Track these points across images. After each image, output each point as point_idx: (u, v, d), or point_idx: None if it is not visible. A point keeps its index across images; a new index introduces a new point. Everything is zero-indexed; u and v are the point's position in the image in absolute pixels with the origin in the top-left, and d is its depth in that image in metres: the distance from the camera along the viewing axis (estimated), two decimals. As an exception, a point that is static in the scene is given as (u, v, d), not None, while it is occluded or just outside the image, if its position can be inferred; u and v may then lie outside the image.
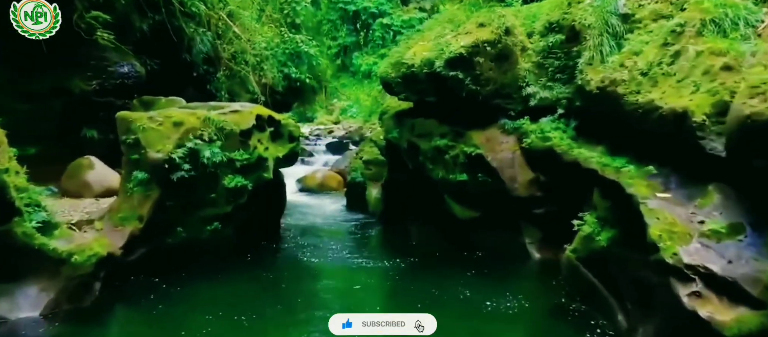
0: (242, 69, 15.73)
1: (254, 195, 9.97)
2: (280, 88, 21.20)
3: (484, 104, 9.78)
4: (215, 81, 15.42)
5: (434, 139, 10.46)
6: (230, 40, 15.84)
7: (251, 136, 9.71)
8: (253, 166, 9.77)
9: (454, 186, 10.15)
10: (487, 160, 9.64)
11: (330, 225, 12.76)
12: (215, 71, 15.49)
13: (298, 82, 22.54)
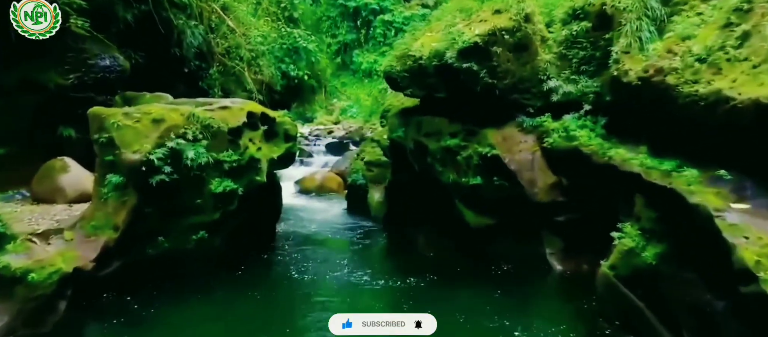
0: (237, 65, 14.59)
1: (245, 200, 8.86)
2: (279, 87, 20.11)
3: (500, 100, 8.67)
4: (208, 77, 14.29)
5: (444, 139, 9.34)
6: (224, 35, 14.71)
7: (242, 135, 8.60)
8: (243, 168, 8.65)
9: (466, 190, 9.04)
10: (504, 162, 8.53)
11: (330, 232, 11.62)
12: (208, 67, 14.36)
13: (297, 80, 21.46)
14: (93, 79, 10.56)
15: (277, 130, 10.00)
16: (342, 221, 13.16)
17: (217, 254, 8.70)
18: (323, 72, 28.01)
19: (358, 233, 11.68)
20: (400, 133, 10.62)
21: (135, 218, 7.64)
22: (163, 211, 7.91)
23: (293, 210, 14.81)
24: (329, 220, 13.29)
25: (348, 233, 11.65)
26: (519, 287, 8.25)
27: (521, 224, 8.98)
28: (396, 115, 10.92)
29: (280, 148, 10.02)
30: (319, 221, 13.10)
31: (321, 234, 11.44)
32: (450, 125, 9.41)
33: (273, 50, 15.78)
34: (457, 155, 9.09)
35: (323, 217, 13.71)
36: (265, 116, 9.50)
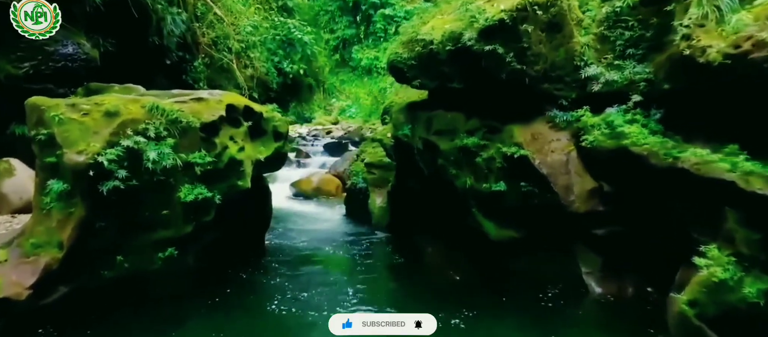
0: (225, 57, 13.00)
1: (225, 210, 7.29)
2: (274, 84, 18.60)
3: (528, 91, 7.11)
4: (192, 70, 12.72)
5: (459, 137, 7.78)
6: (211, 23, 13.14)
7: (219, 131, 7.02)
8: (221, 172, 7.08)
9: (486, 198, 7.47)
10: (534, 164, 6.96)
11: (327, 244, 9.98)
12: (193, 59, 12.79)
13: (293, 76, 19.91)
14: (52, 69, 8.98)
15: (264, 127, 8.42)
16: (341, 230, 11.55)
17: (189, 274, 7.12)
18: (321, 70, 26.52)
19: (359, 246, 10.04)
20: (406, 131, 9.04)
21: (84, 233, 6.07)
22: (121, 224, 6.34)
23: (287, 216, 13.24)
24: (326, 229, 11.68)
25: (348, 247, 10.00)
26: (549, 314, 6.73)
27: (552, 238, 7.43)
28: (401, 111, 9.34)
29: (268, 148, 8.44)
30: (315, 230, 11.49)
31: (317, 248, 9.77)
32: (467, 121, 7.84)
33: (265, 42, 14.17)
34: (476, 156, 7.52)
35: (320, 225, 12.11)
36: (249, 111, 7.91)
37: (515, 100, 7.27)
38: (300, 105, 31.18)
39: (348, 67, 24.62)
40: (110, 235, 6.34)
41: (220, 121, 6.99)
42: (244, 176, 7.52)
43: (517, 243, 7.60)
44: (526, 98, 7.22)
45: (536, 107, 7.35)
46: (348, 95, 32.39)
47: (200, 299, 6.95)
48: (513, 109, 7.34)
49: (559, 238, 7.38)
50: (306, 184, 18.00)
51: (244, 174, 7.50)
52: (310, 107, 35.14)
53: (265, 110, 8.55)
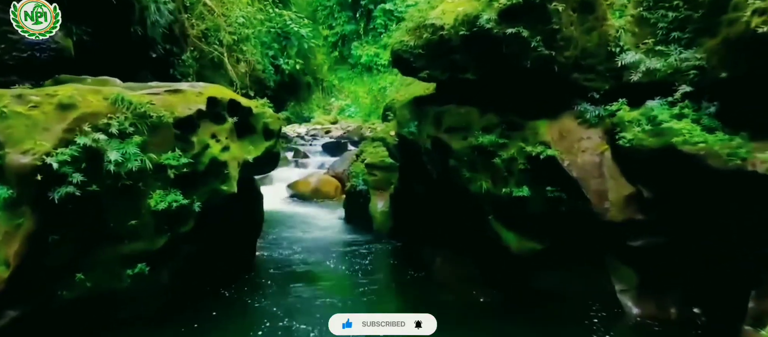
0: (215, 50, 11.95)
1: (206, 218, 6.29)
2: (271, 82, 17.57)
3: (555, 81, 6.10)
4: (180, 64, 11.66)
5: (474, 135, 6.76)
6: (201, 15, 12.09)
7: (197, 128, 6.00)
8: (201, 175, 6.07)
9: (506, 205, 6.45)
10: (563, 166, 5.95)
11: (324, 256, 8.89)
12: (181, 52, 11.72)
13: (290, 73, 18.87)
14: (17, 60, 7.85)
15: (253, 124, 7.41)
16: (340, 238, 10.51)
17: (163, 294, 6.09)
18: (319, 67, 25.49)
19: (360, 257, 8.97)
20: (411, 128, 8.02)
21: (35, 248, 5.06)
22: (80, 238, 5.33)
23: (282, 220, 12.23)
24: (324, 236, 10.63)
25: (347, 259, 8.92)
26: (579, 338, 5.73)
27: (580, 250, 6.41)
28: (407, 106, 8.32)
29: (258, 147, 7.44)
30: (311, 238, 10.45)
31: (314, 260, 8.69)
32: (482, 117, 6.83)
33: (259, 35, 13.13)
34: (494, 157, 6.51)
35: (317, 232, 11.07)
36: (235, 105, 6.90)
37: (539, 93, 6.26)
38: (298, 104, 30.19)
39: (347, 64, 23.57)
40: (67, 250, 5.33)
41: (198, 116, 5.97)
42: (229, 179, 6.50)
43: (541, 256, 6.57)
44: (552, 90, 6.22)
45: (563, 101, 6.35)
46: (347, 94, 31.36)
47: (176, 323, 5.94)
48: (537, 102, 6.33)
49: (590, 250, 6.38)
50: (303, 185, 17.05)
51: (228, 177, 6.48)
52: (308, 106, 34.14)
53: (254, 105, 7.54)
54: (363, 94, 26.35)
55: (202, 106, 6.04)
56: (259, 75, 17.06)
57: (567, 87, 6.20)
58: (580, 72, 6.16)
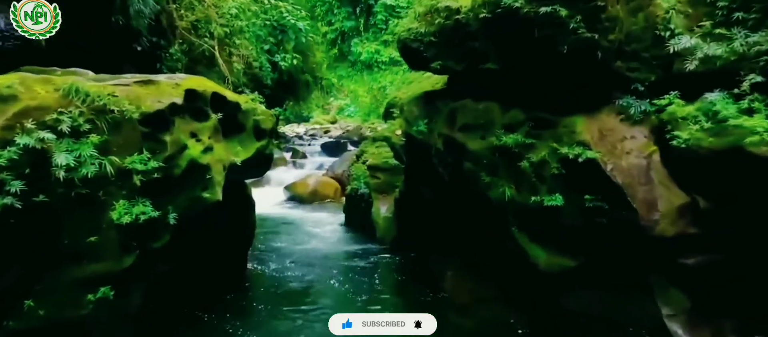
0: (206, 43, 10.95)
1: (185, 231, 5.29)
2: (268, 80, 16.59)
3: (595, 70, 5.11)
4: (168, 58, 10.67)
5: (496, 134, 5.76)
6: (190, 5, 11.07)
7: (170, 125, 4.99)
8: (177, 180, 5.07)
9: (534, 215, 5.46)
10: (606, 170, 4.95)
11: (323, 269, 7.84)
12: (168, 45, 10.73)
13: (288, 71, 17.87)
14: (-25, 49, 6.95)
15: (241, 122, 6.41)
16: (340, 248, 9.50)
17: (133, 320, 5.09)
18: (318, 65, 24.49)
19: (362, 270, 7.94)
20: (421, 126, 7.04)
21: (-31, 272, 4.06)
22: (27, 258, 4.33)
23: (279, 226, 11.25)
24: (323, 245, 9.62)
25: (348, 272, 7.88)
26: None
27: (621, 268, 5.42)
28: (415, 102, 7.33)
29: (247, 148, 6.45)
30: (309, 247, 9.44)
31: (311, 276, 7.61)
32: (505, 113, 5.84)
33: (254, 28, 12.11)
34: (520, 159, 5.51)
35: (316, 240, 10.06)
36: (219, 99, 5.89)
37: (575, 84, 5.27)
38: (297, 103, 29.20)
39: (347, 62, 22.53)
40: (12, 273, 4.33)
41: (172, 110, 4.95)
42: (213, 185, 5.50)
43: (574, 273, 5.57)
44: (591, 81, 5.23)
45: (601, 93, 5.36)
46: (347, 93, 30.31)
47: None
48: (571, 96, 5.33)
49: (632, 268, 5.39)
50: (301, 187, 16.09)
51: (211, 183, 5.49)
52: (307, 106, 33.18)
53: (243, 100, 6.54)
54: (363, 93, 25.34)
55: (177, 100, 5.03)
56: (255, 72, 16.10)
57: (607, 77, 5.21)
58: (623, 59, 5.19)
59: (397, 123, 8.37)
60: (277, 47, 13.15)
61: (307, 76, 24.32)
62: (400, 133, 7.90)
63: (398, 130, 8.02)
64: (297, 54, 13.62)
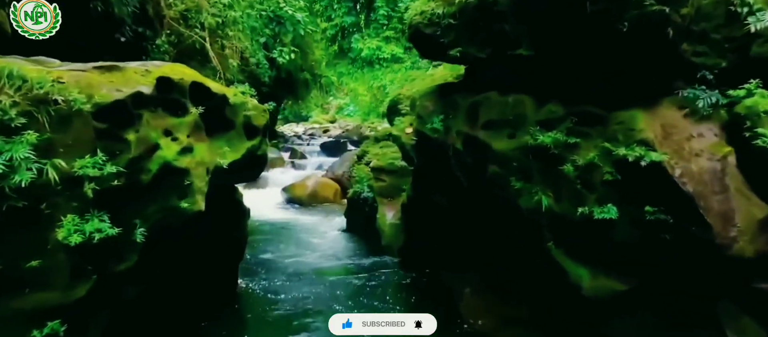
0: (196, 34, 9.94)
1: (159, 248, 4.31)
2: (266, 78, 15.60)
3: (659, 52, 4.12)
4: (154, 50, 9.66)
5: (529, 132, 4.78)
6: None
7: (135, 120, 3.97)
8: (147, 188, 4.07)
9: (578, 228, 4.48)
10: (673, 176, 3.97)
11: (322, 285, 6.82)
12: (154, 35, 9.72)
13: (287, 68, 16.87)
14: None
15: (229, 118, 5.41)
16: (342, 260, 8.48)
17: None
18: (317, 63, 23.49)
19: (367, 287, 6.93)
20: (436, 124, 6.04)
21: None
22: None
23: (275, 232, 10.27)
24: (323, 258, 8.57)
25: (352, 293, 6.80)
26: None
27: (682, 293, 4.45)
28: (430, 96, 6.33)
29: (236, 148, 5.45)
30: (308, 261, 8.40)
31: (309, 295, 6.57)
32: (540, 107, 4.85)
33: (248, 19, 11.10)
34: (561, 162, 4.52)
35: (315, 251, 9.03)
36: (200, 90, 4.90)
37: (632, 71, 4.28)
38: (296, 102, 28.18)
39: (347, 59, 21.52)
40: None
41: (137, 102, 3.94)
42: (192, 192, 4.51)
43: (622, 299, 4.60)
44: (650, 67, 4.24)
45: (660, 83, 4.38)
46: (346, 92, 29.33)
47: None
48: (625, 86, 4.35)
49: (695, 294, 4.42)
50: (300, 189, 15.11)
51: (191, 190, 4.49)
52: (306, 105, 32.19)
53: (231, 93, 5.54)
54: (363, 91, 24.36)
55: (145, 89, 4.03)
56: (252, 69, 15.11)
57: (669, 63, 4.23)
58: (690, 42, 4.20)
59: (407, 120, 7.39)
60: (273, 40, 12.13)
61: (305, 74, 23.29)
62: (410, 131, 6.91)
63: (408, 128, 7.04)
64: (295, 48, 12.60)
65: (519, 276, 5.59)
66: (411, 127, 6.92)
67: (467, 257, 6.59)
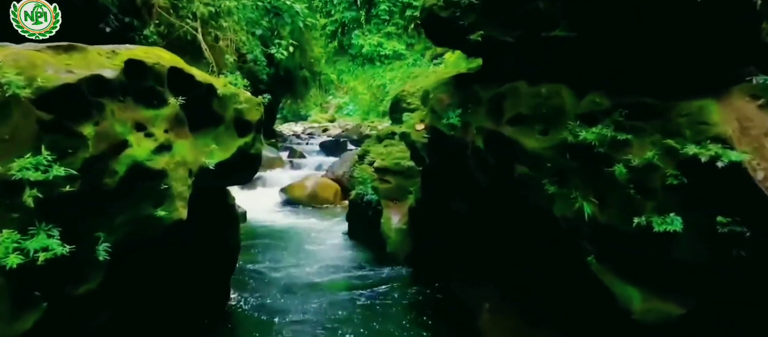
0: (187, 25, 9.17)
1: (131, 265, 3.55)
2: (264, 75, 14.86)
3: (734, 33, 3.38)
4: (142, 41, 8.90)
5: (567, 128, 4.03)
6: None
7: (94, 111, 3.20)
8: (112, 194, 3.31)
9: (628, 242, 3.73)
10: (754, 179, 3.22)
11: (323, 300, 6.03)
12: (142, 25, 8.96)
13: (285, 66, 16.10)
14: None
15: (217, 112, 4.66)
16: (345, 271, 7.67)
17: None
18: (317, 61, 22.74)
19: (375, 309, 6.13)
20: (452, 119, 5.29)
21: None
22: None
23: (272, 236, 9.53)
24: (324, 269, 7.74)
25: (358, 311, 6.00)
26: None
27: (751, 319, 3.70)
28: (445, 87, 5.58)
29: (226, 146, 4.70)
30: (308, 272, 7.60)
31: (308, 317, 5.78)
32: (581, 98, 4.10)
33: (244, 9, 10.33)
34: (609, 163, 3.76)
35: (315, 260, 8.21)
36: (182, 78, 4.14)
37: (695, 55, 3.53)
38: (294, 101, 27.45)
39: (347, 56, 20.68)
40: None
41: (96, 88, 3.18)
42: (171, 198, 3.75)
43: (680, 323, 3.86)
44: (718, 49, 3.49)
45: (729, 68, 3.63)
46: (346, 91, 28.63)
47: None
48: (687, 72, 3.60)
49: (760, 317, 3.67)
50: (299, 189, 14.39)
51: (169, 196, 3.74)
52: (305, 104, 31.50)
53: (219, 83, 4.77)
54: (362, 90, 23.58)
55: (108, 73, 3.26)
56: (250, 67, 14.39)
57: (745, 44, 3.49)
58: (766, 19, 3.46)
59: (417, 115, 6.63)
60: (271, 33, 11.36)
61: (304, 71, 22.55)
62: (421, 127, 6.16)
63: (419, 124, 6.28)
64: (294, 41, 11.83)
65: (549, 293, 4.85)
66: (422, 124, 6.17)
67: (485, 268, 5.84)
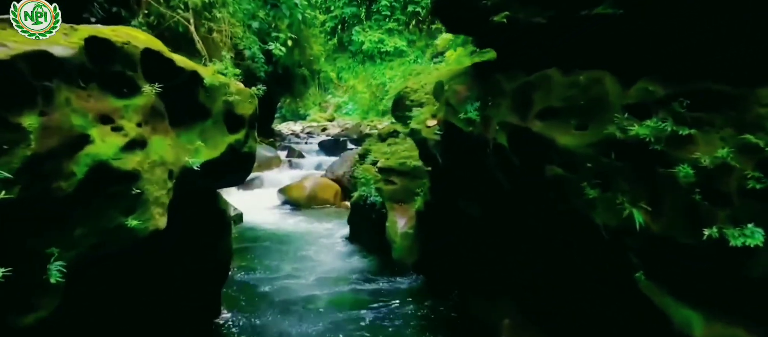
0: (179, 15, 8.52)
1: (103, 281, 2.91)
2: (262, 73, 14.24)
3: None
4: (130, 32, 8.25)
5: (611, 122, 3.41)
6: (160, -31, 8.65)
7: (40, 98, 2.57)
8: (69, 201, 2.67)
9: (689, 257, 3.11)
10: None
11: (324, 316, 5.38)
12: (130, 15, 8.32)
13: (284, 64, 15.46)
14: None
15: (204, 104, 4.02)
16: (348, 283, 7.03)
17: None
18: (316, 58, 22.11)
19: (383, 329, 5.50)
20: (471, 113, 4.67)
21: None
22: None
23: (269, 239, 8.93)
24: (325, 279, 7.11)
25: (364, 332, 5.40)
26: None
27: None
28: (463, 78, 4.95)
29: (214, 143, 4.07)
30: (307, 282, 6.95)
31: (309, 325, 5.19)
32: (628, 88, 3.47)
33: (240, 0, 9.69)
34: (667, 164, 3.14)
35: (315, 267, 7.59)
36: (157, 61, 3.50)
37: None
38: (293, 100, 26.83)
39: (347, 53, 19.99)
40: None
41: (43, 69, 2.55)
42: (145, 205, 3.12)
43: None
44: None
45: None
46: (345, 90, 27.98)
47: None
48: (766, 52, 2.98)
49: None
50: (297, 190, 13.82)
51: (143, 202, 3.10)
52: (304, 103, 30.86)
53: (206, 72, 4.14)
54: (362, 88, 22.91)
55: (60, 51, 2.63)
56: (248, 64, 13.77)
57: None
58: None
59: (428, 110, 5.98)
60: (268, 27, 10.73)
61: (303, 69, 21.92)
62: (433, 123, 5.52)
63: (430, 120, 5.64)
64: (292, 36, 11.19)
65: (580, 313, 4.22)
66: (434, 120, 5.54)
67: (503, 281, 5.23)
